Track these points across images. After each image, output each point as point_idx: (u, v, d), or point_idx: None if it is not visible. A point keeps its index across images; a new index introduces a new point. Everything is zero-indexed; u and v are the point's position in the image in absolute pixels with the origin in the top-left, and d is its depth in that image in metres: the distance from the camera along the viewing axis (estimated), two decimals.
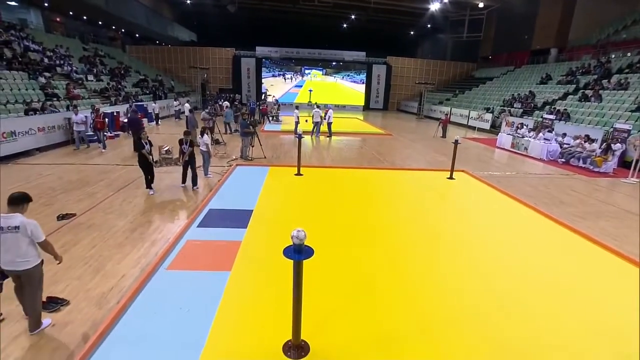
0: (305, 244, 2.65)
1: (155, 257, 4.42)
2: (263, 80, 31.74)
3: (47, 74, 15.03)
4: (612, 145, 10.93)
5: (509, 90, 23.95)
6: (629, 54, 19.57)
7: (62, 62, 17.76)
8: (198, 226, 5.44)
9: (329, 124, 15.16)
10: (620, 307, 3.85)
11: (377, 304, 3.70)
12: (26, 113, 11.11)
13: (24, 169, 8.56)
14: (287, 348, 2.97)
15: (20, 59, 14.74)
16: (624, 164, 11.23)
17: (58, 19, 26.21)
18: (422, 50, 39.49)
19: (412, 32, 36.15)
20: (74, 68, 18.03)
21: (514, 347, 3.16)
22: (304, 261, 2.68)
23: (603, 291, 4.16)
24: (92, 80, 18.27)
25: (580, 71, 20.67)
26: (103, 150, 10.88)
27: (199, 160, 7.80)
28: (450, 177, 8.93)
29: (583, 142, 11.91)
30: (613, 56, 20.65)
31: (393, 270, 4.41)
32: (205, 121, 11.93)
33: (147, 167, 6.94)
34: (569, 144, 12.54)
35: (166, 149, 7.50)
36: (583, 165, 11.17)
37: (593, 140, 11.67)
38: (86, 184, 7.40)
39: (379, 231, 5.66)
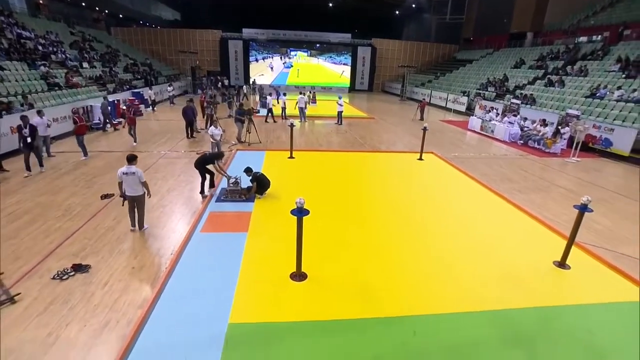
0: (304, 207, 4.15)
1: (190, 224, 5.90)
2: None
3: (45, 63, 15.64)
4: (560, 129, 12.69)
5: (485, 73, 25.35)
6: (592, 40, 21.16)
7: (55, 49, 18.20)
8: (216, 201, 6.89)
9: (340, 112, 16.21)
10: (526, 255, 5.58)
11: (353, 250, 5.30)
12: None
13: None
14: (293, 275, 4.56)
15: (17, 48, 15.28)
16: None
17: (41, 1, 25.98)
18: (408, 31, 40.25)
19: (397, 12, 36.79)
20: (68, 55, 18.52)
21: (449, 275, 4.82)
22: (303, 218, 4.20)
23: (516, 243, 5.87)
24: (86, 68, 18.84)
25: (550, 57, 22.16)
26: (84, 159, 9.37)
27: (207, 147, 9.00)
28: (420, 159, 10.53)
29: (539, 125, 13.64)
30: (579, 40, 22.21)
31: (365, 228, 6.02)
32: (206, 108, 13.13)
33: (206, 172, 7.06)
34: (528, 127, 14.27)
35: (234, 180, 7.02)
36: (537, 147, 12.93)
37: (547, 124, 13.39)
38: (112, 169, 8.61)
39: (357, 202, 7.25)
